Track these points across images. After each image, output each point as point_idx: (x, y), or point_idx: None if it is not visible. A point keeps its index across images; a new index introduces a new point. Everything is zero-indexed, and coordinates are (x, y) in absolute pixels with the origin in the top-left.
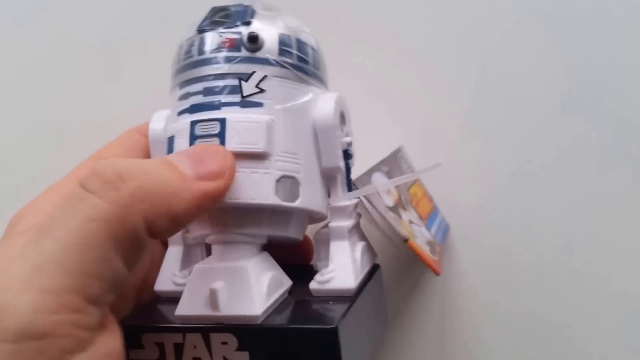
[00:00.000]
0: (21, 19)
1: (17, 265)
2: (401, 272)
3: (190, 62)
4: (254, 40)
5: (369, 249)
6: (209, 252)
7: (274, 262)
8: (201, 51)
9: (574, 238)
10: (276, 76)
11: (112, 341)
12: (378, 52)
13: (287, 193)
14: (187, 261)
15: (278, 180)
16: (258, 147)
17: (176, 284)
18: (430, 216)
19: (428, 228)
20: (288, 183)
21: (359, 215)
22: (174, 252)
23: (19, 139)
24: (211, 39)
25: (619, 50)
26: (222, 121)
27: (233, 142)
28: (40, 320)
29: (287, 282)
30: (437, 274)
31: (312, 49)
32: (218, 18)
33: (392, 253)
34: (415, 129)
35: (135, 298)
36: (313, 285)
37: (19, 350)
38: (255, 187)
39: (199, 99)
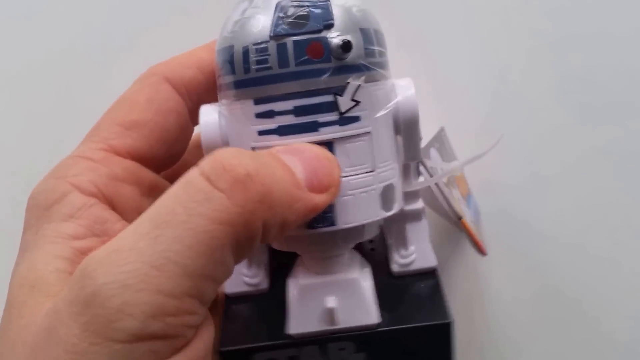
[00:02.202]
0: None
1: (133, 260)
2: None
3: (270, 75)
4: (348, 49)
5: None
6: (270, 247)
7: (358, 253)
8: (283, 63)
9: (590, 247)
10: (370, 83)
11: (210, 333)
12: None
13: (389, 202)
14: (252, 259)
15: (381, 194)
16: (367, 167)
17: (247, 284)
18: (467, 197)
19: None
20: (388, 192)
21: None
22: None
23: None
24: (293, 48)
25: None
26: (329, 145)
27: (345, 167)
28: (157, 324)
29: (369, 266)
30: (484, 254)
31: (381, 33)
32: (294, 19)
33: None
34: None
35: None
36: (395, 267)
37: (130, 350)
38: (366, 208)
39: (289, 120)
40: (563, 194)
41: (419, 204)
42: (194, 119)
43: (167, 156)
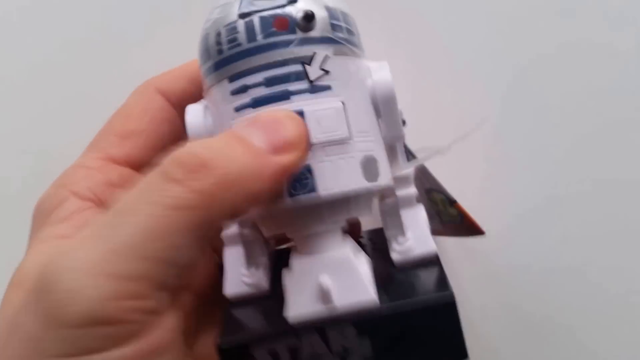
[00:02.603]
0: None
1: (89, 246)
2: None
3: (240, 51)
4: (310, 19)
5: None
6: (269, 246)
7: (354, 242)
8: (251, 37)
9: (601, 265)
10: (335, 54)
11: (175, 322)
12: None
13: (371, 174)
14: (251, 259)
15: (362, 162)
16: (341, 133)
17: (247, 284)
18: None
19: None
20: (370, 163)
21: None
22: (234, 252)
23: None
24: (260, 22)
25: None
26: (300, 114)
27: (317, 133)
28: (109, 307)
29: (369, 259)
30: (483, 233)
31: (352, 18)
32: None
33: None
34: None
35: None
36: (395, 256)
37: (81, 335)
38: (346, 174)
39: (261, 91)
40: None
41: (411, 189)
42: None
43: None
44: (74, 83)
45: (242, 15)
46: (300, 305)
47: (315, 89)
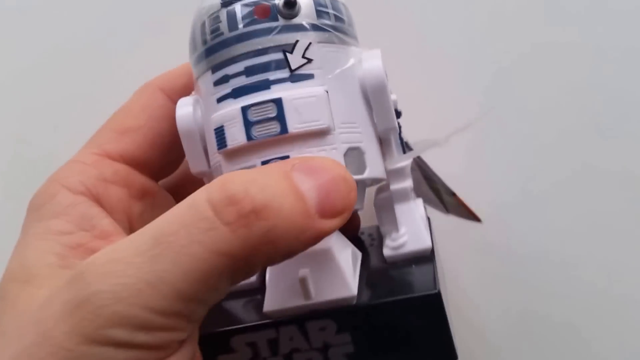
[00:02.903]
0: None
1: (129, 274)
2: None
3: (221, 40)
4: (291, 6)
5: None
6: None
7: (344, 237)
8: (232, 26)
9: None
10: (319, 42)
11: (194, 343)
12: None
13: (356, 166)
14: None
15: (345, 154)
16: (322, 123)
17: None
18: None
19: None
20: (355, 155)
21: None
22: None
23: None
24: (241, 10)
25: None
26: (278, 101)
27: (295, 123)
28: (143, 336)
29: (359, 254)
30: (480, 221)
31: (343, 5)
32: None
33: None
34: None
35: None
36: (387, 252)
37: (114, 354)
38: None
39: (241, 81)
40: (551, 212)
41: (406, 183)
42: None
43: (162, 162)
44: (72, 85)
45: (225, 4)
46: (278, 298)
47: (296, 77)
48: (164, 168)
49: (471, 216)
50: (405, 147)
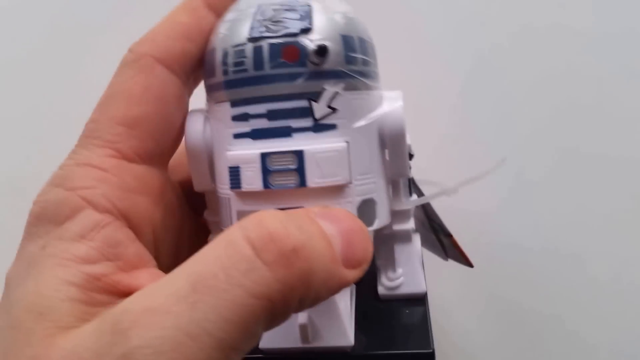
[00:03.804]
0: None
1: (168, 326)
2: None
3: (245, 77)
4: (323, 53)
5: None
6: None
7: None
8: (258, 65)
9: (575, 248)
10: (346, 89)
11: None
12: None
13: (367, 217)
14: None
15: (359, 207)
16: (341, 178)
17: None
18: None
19: None
20: (368, 207)
21: None
22: None
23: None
24: (269, 50)
25: (619, 56)
26: (300, 154)
27: (314, 177)
28: None
29: (353, 287)
30: (472, 266)
31: (371, 45)
32: (271, 22)
33: None
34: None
35: None
36: (382, 290)
37: None
38: None
39: (262, 123)
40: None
41: (409, 224)
42: (189, 92)
43: (174, 147)
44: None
45: (252, 40)
46: (276, 337)
47: (319, 127)
48: (172, 151)
49: (464, 260)
50: (412, 185)
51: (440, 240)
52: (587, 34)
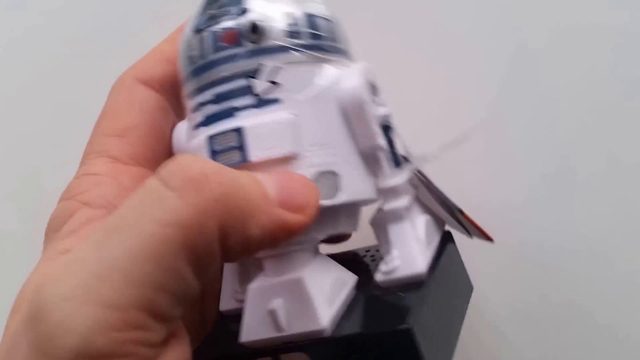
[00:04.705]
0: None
1: (78, 271)
2: None
3: (195, 68)
4: (256, 30)
5: (434, 221)
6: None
7: (333, 262)
8: (203, 55)
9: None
10: (290, 63)
11: (180, 355)
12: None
13: (328, 189)
14: (244, 274)
15: (315, 179)
16: (284, 149)
17: (238, 301)
18: None
19: None
20: (326, 178)
21: (415, 188)
22: (230, 267)
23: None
24: (210, 38)
25: None
26: (239, 130)
27: (255, 151)
28: (102, 339)
29: (351, 279)
30: (492, 240)
31: (326, 19)
32: (212, 11)
33: None
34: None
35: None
36: (379, 277)
37: None
38: None
39: (212, 109)
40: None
41: (399, 202)
42: (180, 115)
43: (168, 154)
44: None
45: (197, 31)
46: (253, 329)
47: (262, 103)
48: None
49: (482, 235)
50: (404, 162)
51: (457, 218)
52: (627, 33)
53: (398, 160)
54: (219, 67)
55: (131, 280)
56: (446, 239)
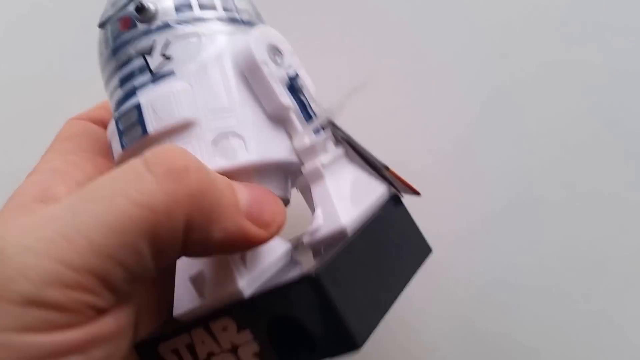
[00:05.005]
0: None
1: (47, 227)
2: None
3: (103, 61)
4: (141, 11)
5: (368, 180)
6: None
7: None
8: (107, 45)
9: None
10: (180, 36)
11: (119, 326)
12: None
13: (230, 151)
14: None
15: (214, 142)
16: (178, 118)
17: None
18: None
19: None
20: (227, 141)
21: (342, 146)
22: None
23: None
24: (110, 29)
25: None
26: (138, 107)
27: (153, 123)
28: (52, 292)
29: (284, 246)
30: (419, 194)
31: None
32: (111, 6)
33: None
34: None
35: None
36: (305, 238)
37: (22, 313)
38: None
39: (119, 94)
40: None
41: (317, 161)
42: None
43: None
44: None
45: (100, 25)
46: (183, 301)
47: (157, 77)
48: None
49: (409, 189)
50: (328, 125)
51: (384, 175)
52: (607, 72)
53: (317, 121)
54: (120, 53)
55: (94, 248)
56: (393, 202)
